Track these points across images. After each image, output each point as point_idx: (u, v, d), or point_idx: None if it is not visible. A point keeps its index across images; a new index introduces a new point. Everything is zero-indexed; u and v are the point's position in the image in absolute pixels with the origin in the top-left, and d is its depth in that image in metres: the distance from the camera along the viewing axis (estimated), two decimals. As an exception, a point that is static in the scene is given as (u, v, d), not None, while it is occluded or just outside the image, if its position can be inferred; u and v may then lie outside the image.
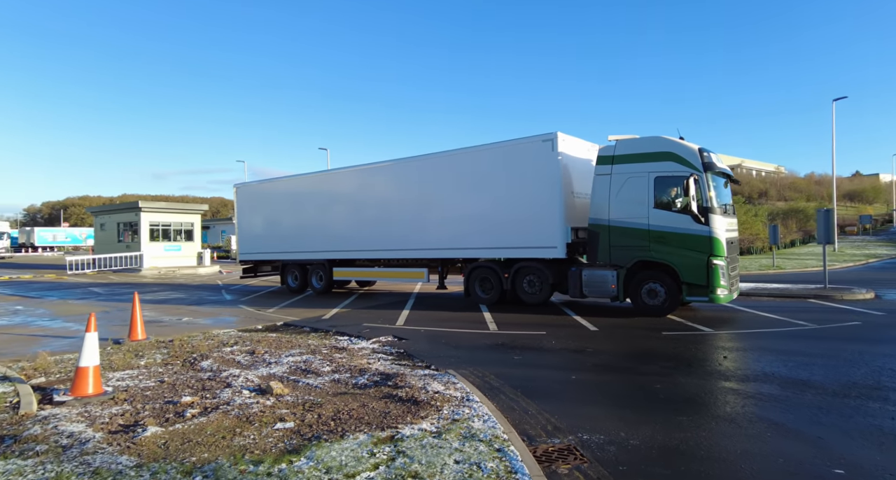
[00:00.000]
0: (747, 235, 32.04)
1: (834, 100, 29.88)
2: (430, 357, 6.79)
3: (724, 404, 4.79)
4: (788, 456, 3.57)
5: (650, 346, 7.41)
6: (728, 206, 9.86)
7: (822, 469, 3.35)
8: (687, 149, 9.29)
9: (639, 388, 5.39)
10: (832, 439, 3.87)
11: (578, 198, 11.17)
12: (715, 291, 8.87)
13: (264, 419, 4.19)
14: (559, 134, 10.70)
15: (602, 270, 10.05)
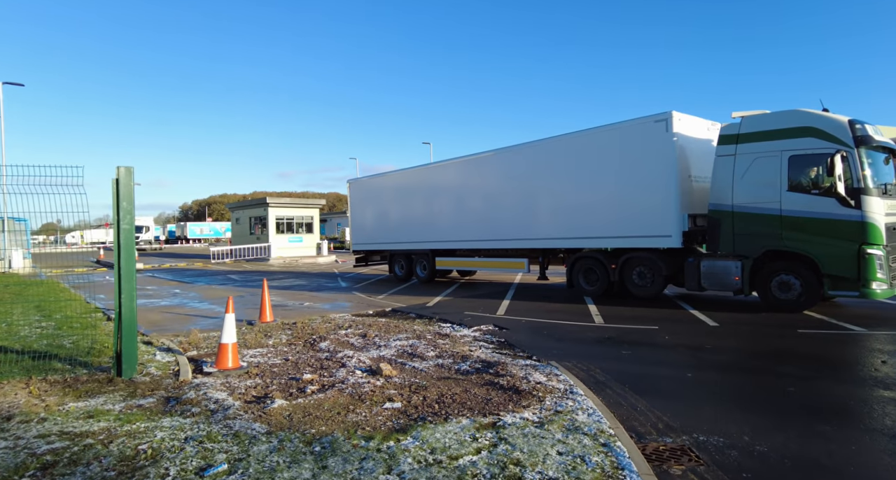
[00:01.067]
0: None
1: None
2: (531, 347, 6.72)
3: (884, 416, 4.11)
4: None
5: (783, 345, 6.59)
6: (890, 186, 8.34)
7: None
8: (833, 121, 8.03)
9: (769, 390, 4.84)
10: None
11: (697, 183, 10.23)
12: (869, 285, 7.59)
13: (374, 398, 4.49)
14: (674, 113, 9.85)
15: (724, 261, 9.12)
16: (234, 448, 3.42)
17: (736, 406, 4.46)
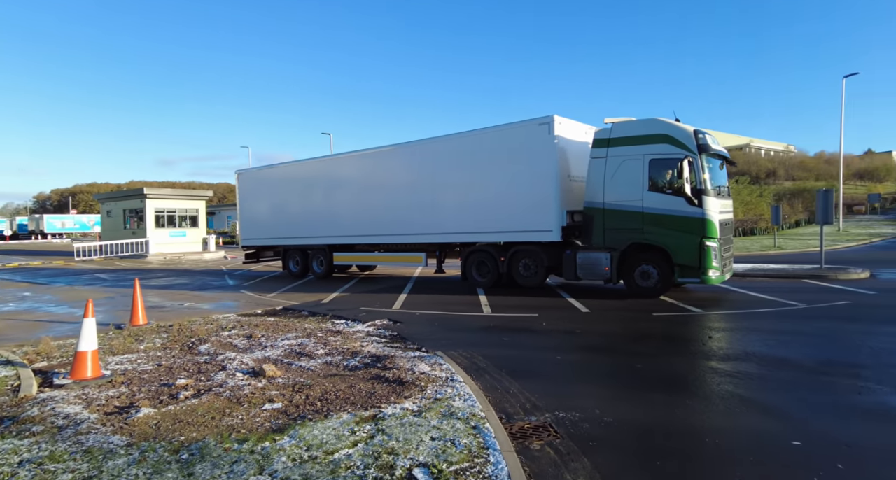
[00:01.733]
0: (752, 216, 31.85)
1: (844, 76, 29.32)
2: (423, 339, 6.95)
3: (702, 382, 4.92)
4: (752, 431, 3.70)
5: (639, 327, 7.53)
6: (722, 188, 9.85)
7: (781, 442, 3.48)
8: (682, 131, 9.25)
9: (622, 368, 5.53)
10: (798, 413, 4.00)
11: (575, 182, 11.18)
12: (707, 272, 8.94)
13: (254, 400, 4.37)
14: (556, 117, 10.66)
15: (596, 253, 10.12)
16: (84, 466, 3.15)
17: (594, 383, 5.05)
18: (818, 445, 3.43)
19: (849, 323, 7.30)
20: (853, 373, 4.91)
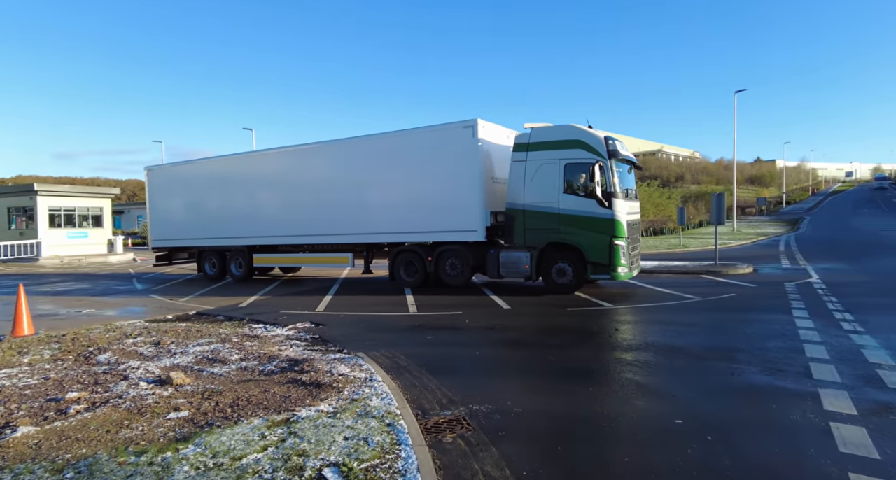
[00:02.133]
0: (662, 216, 34.55)
1: (736, 91, 32.63)
2: (346, 341, 6.89)
3: (606, 371, 5.31)
4: (644, 413, 4.08)
5: (554, 322, 7.96)
6: (630, 191, 10.64)
7: (665, 422, 3.87)
8: (594, 137, 9.88)
9: (535, 361, 5.83)
10: (684, 395, 4.45)
11: (498, 183, 11.56)
12: (616, 269, 9.62)
13: (157, 410, 4.13)
14: (479, 120, 10.96)
15: (517, 252, 10.55)
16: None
17: (508, 377, 5.29)
18: (695, 422, 3.85)
19: (732, 313, 8.19)
20: (730, 357, 5.53)
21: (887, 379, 4.60)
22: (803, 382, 4.66)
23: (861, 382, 4.58)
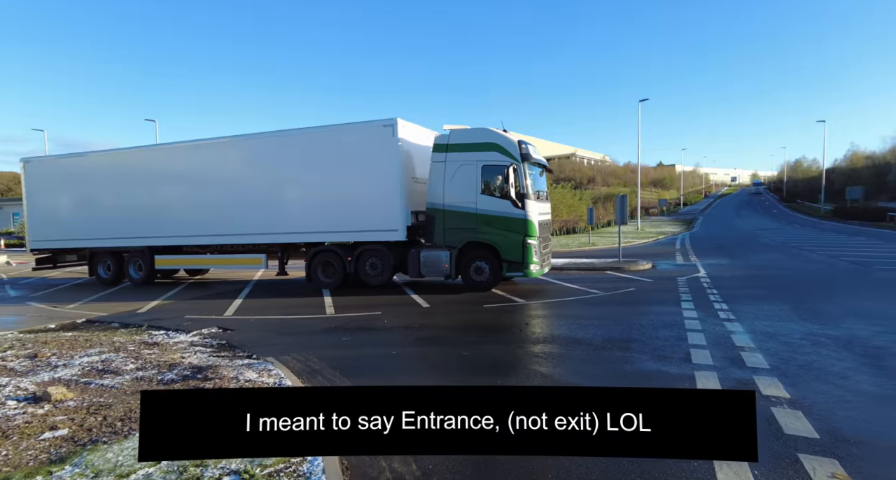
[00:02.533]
0: (574, 216, 36.62)
1: (640, 100, 35.45)
2: (255, 346, 6.62)
3: (515, 364, 5.58)
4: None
5: (471, 318, 8.20)
6: (542, 193, 11.20)
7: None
8: (508, 140, 10.29)
9: (450, 357, 5.98)
10: (582, 383, 4.81)
11: (419, 183, 11.66)
12: (529, 267, 10.11)
13: (29, 430, 3.73)
14: (399, 120, 10.97)
15: (437, 251, 10.72)
16: None
17: (421, 373, 5.38)
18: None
19: (631, 306, 8.92)
20: (626, 347, 6.05)
21: (747, 360, 5.28)
22: (684, 366, 5.21)
23: (728, 363, 5.22)
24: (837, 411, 3.93)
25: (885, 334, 6.24)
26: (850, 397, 4.21)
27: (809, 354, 5.48)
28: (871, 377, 4.70)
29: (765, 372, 4.88)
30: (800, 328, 6.69)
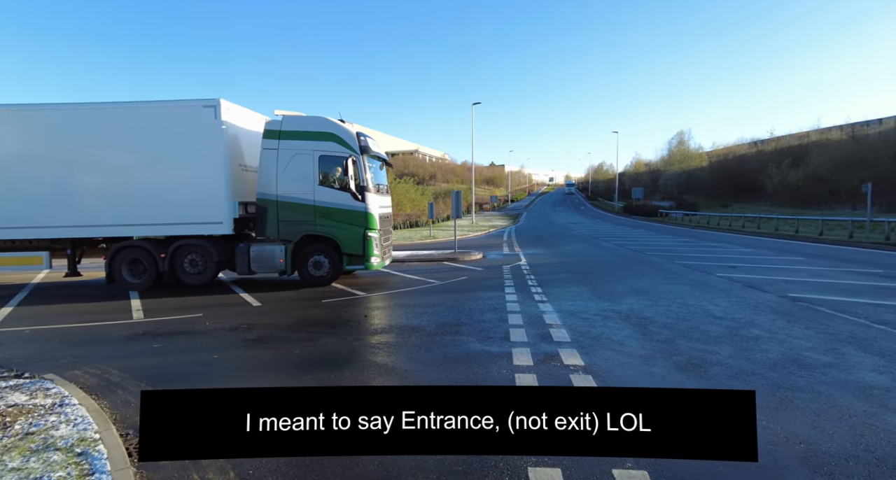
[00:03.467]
0: (416, 210, 37.82)
1: (473, 103, 38.06)
2: (32, 362, 5.41)
3: (351, 356, 5.54)
4: (378, 390, 4.42)
5: (308, 315, 7.89)
6: (382, 186, 11.29)
7: (394, 395, 4.28)
8: (347, 131, 10.10)
9: (282, 357, 5.67)
10: (413, 369, 5.01)
11: (249, 172, 10.76)
12: (370, 260, 10.11)
13: None
14: (223, 101, 9.95)
15: (271, 245, 10.05)
16: None
17: (249, 376, 5.00)
18: (420, 390, 4.38)
19: (463, 293, 9.57)
20: (455, 331, 6.47)
21: (554, 335, 6.10)
22: (503, 345, 5.78)
23: (539, 340, 5.95)
24: (616, 372, 4.78)
25: (652, 307, 7.78)
26: (625, 359, 5.16)
27: (600, 327, 6.55)
28: (639, 342, 5.82)
29: (567, 345, 5.69)
30: (595, 305, 7.95)
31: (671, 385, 4.39)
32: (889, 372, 4.66)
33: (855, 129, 44.47)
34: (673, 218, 43.33)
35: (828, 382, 4.40)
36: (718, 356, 5.20)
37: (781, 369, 4.76)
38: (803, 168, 42.97)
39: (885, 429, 3.48)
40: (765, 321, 6.70)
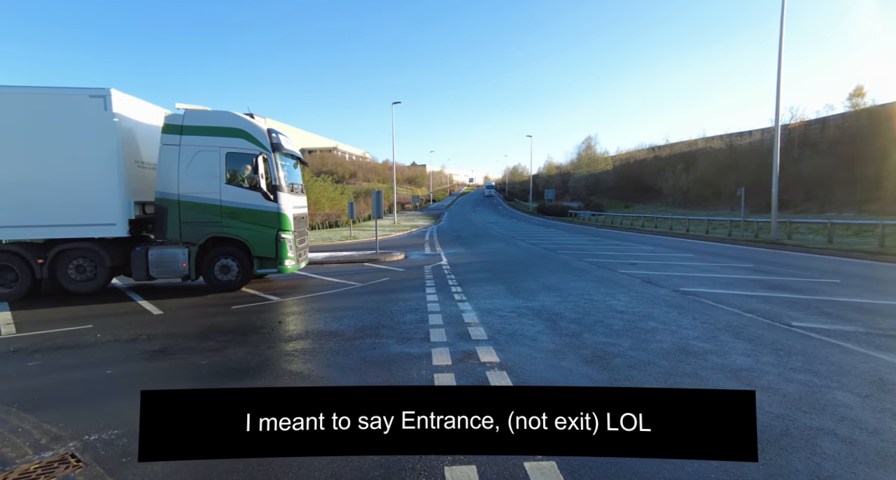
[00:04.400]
0: (336, 210, 36.90)
1: (392, 103, 37.92)
2: None
3: (263, 366, 5.29)
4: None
5: (215, 322, 7.40)
6: (297, 185, 10.87)
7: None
8: (257, 128, 9.60)
9: (185, 367, 5.28)
10: (331, 375, 4.90)
11: (147, 169, 9.89)
12: (283, 262, 9.70)
13: None
14: (114, 91, 9.04)
15: (172, 248, 9.29)
16: None
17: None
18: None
19: (384, 294, 9.51)
20: (375, 334, 6.42)
21: (472, 334, 6.27)
22: (423, 345, 5.83)
23: (458, 339, 6.08)
24: (528, 367, 5.01)
25: (562, 303, 8.26)
26: (537, 355, 5.43)
27: (515, 324, 6.83)
28: (550, 337, 6.16)
29: (484, 343, 5.86)
30: (511, 303, 8.27)
31: (578, 377, 4.70)
32: (754, 355, 5.35)
33: (732, 139, 50.28)
34: (581, 218, 46.23)
35: (709, 367, 4.95)
36: (620, 348, 5.64)
37: (673, 357, 5.27)
38: (693, 172, 47.83)
39: (752, 406, 4.00)
40: (660, 313, 7.38)
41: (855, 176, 32.16)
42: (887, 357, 5.24)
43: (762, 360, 5.14)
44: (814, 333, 6.18)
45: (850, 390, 4.32)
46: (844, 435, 3.47)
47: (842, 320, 6.85)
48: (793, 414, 3.82)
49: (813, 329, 6.39)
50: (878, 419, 3.74)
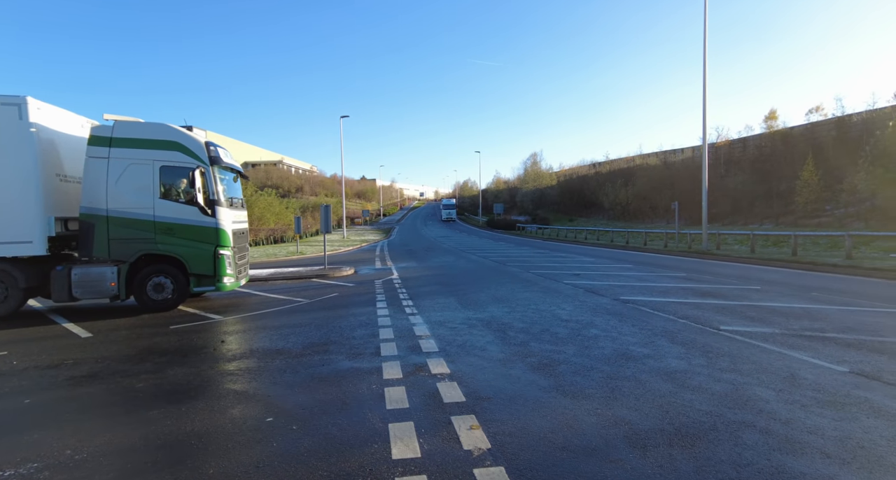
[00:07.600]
0: (282, 225, 35.86)
1: (341, 117, 37.61)
2: None
3: (204, 387, 5.04)
4: (237, 420, 4.10)
5: (152, 343, 6.98)
6: (237, 200, 10.51)
7: (258, 422, 4.03)
8: (194, 140, 9.25)
9: (118, 392, 4.94)
10: (278, 394, 4.74)
11: (70, 183, 9.28)
12: (222, 280, 9.31)
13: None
14: (30, 99, 8.47)
15: (99, 267, 8.71)
16: None
17: (74, 420, 4.26)
18: (283, 417, 4.17)
19: (333, 310, 9.33)
20: (324, 350, 6.29)
21: (423, 346, 6.29)
22: (374, 360, 5.77)
23: (409, 352, 6.07)
24: (478, 377, 5.09)
25: (510, 313, 8.44)
26: (486, 364, 5.52)
27: (465, 335, 6.91)
28: (499, 347, 6.28)
29: (435, 355, 5.89)
30: (461, 315, 8.36)
31: (525, 384, 4.82)
32: (686, 358, 5.70)
33: (667, 156, 53.67)
34: (529, 231, 47.50)
35: (646, 370, 5.22)
36: (565, 355, 5.84)
37: (614, 362, 5.52)
38: (631, 188, 50.49)
39: (682, 404, 4.26)
40: (602, 321, 7.70)
41: (772, 191, 35.21)
42: (798, 354, 5.75)
43: (694, 363, 5.49)
44: (739, 336, 6.67)
45: (767, 386, 4.70)
46: (762, 426, 3.78)
47: (762, 323, 7.44)
48: (719, 411, 4.11)
49: (738, 332, 6.89)
50: (790, 410, 4.11)
